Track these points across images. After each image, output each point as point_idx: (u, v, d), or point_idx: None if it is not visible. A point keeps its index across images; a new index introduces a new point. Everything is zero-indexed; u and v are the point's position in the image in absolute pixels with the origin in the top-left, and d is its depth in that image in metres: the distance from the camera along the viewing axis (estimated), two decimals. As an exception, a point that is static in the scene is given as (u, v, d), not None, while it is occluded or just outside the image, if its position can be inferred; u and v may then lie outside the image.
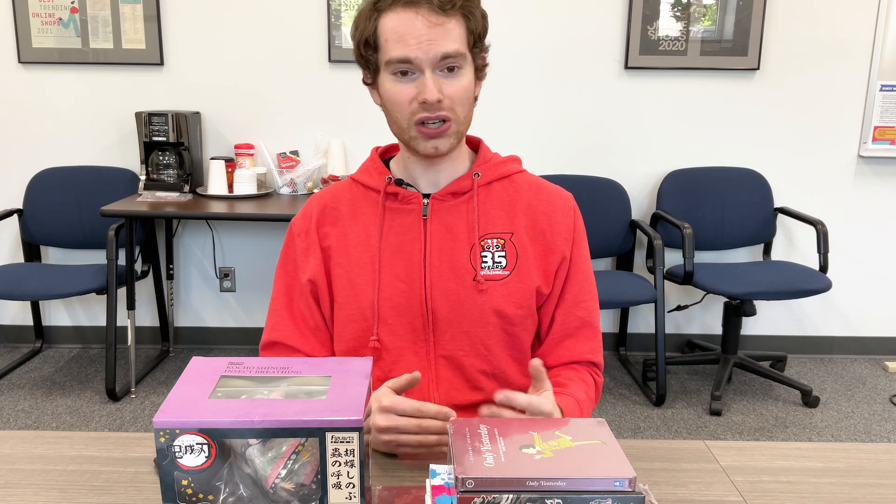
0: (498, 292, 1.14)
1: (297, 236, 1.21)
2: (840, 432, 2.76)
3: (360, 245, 1.17)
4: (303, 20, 3.16)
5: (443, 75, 1.08)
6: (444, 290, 1.14)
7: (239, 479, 0.70)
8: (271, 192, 3.16)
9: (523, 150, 3.26)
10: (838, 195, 3.34)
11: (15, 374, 3.16)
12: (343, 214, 1.20)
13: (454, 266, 1.15)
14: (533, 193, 1.20)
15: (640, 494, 0.70)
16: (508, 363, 1.18)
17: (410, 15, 1.06)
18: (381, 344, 1.15)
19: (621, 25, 3.17)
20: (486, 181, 1.19)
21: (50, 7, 3.12)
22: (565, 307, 1.19)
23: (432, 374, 1.16)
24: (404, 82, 1.08)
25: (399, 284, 1.15)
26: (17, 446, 1.06)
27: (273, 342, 1.20)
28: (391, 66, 1.08)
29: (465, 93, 1.10)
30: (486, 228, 1.16)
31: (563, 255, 1.18)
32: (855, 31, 3.18)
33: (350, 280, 1.16)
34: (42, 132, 3.26)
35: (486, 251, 1.15)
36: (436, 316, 1.14)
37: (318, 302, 1.20)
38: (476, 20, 1.10)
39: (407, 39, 1.06)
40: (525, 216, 1.18)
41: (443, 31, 1.06)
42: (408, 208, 1.17)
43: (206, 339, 3.47)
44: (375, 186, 1.19)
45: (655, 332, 2.93)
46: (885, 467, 1.03)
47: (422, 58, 1.06)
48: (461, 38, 1.08)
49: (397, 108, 1.10)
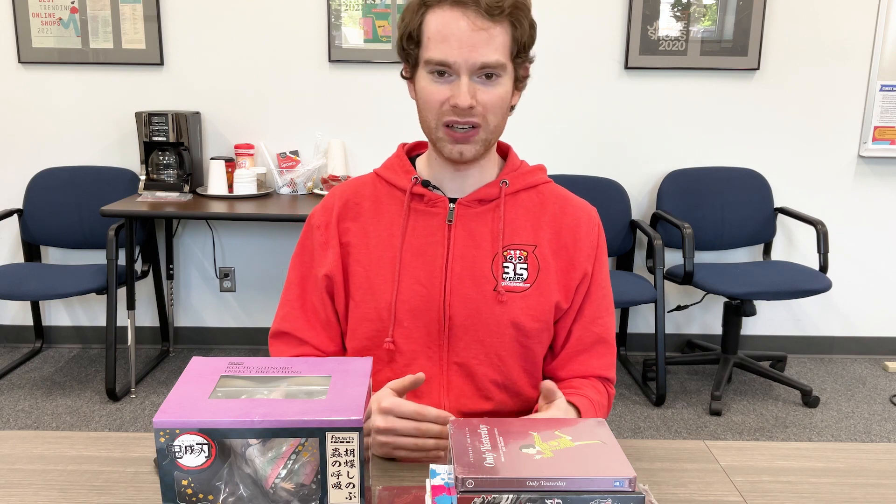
0: (517, 304, 1.13)
1: (317, 228, 1.20)
2: (840, 432, 2.76)
3: (381, 243, 1.16)
4: (303, 20, 3.16)
5: (480, 82, 1.07)
6: (463, 298, 1.13)
7: (239, 479, 0.70)
8: (271, 192, 3.16)
9: (523, 150, 3.25)
10: (838, 195, 3.34)
11: (15, 374, 3.16)
12: (365, 210, 1.18)
13: (475, 274, 1.14)
14: (559, 207, 1.19)
15: (640, 494, 0.70)
16: (520, 375, 1.18)
17: (457, 15, 1.04)
18: (395, 346, 1.15)
19: (621, 25, 3.17)
20: (513, 190, 1.18)
21: (50, 7, 3.12)
22: (583, 323, 1.19)
23: (444, 380, 1.16)
24: (440, 83, 1.07)
25: (418, 288, 1.14)
26: (17, 446, 1.06)
27: (282, 332, 1.20)
28: (429, 65, 1.07)
29: (499, 102, 1.08)
30: (510, 239, 1.15)
31: (584, 272, 1.17)
32: (855, 31, 3.18)
33: (368, 278, 1.15)
34: (42, 132, 3.26)
35: (508, 262, 1.14)
36: (452, 322, 1.14)
37: (333, 297, 1.19)
38: (523, 30, 1.08)
39: (450, 41, 1.04)
40: (550, 229, 1.18)
41: (486, 36, 1.04)
42: (433, 211, 1.16)
43: (206, 339, 3.48)
44: (401, 185, 1.18)
45: (655, 332, 2.93)
46: (885, 467, 1.03)
47: (460, 63, 1.05)
48: (504, 48, 1.06)
49: (428, 107, 1.09)
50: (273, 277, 3.41)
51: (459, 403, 1.16)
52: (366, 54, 3.17)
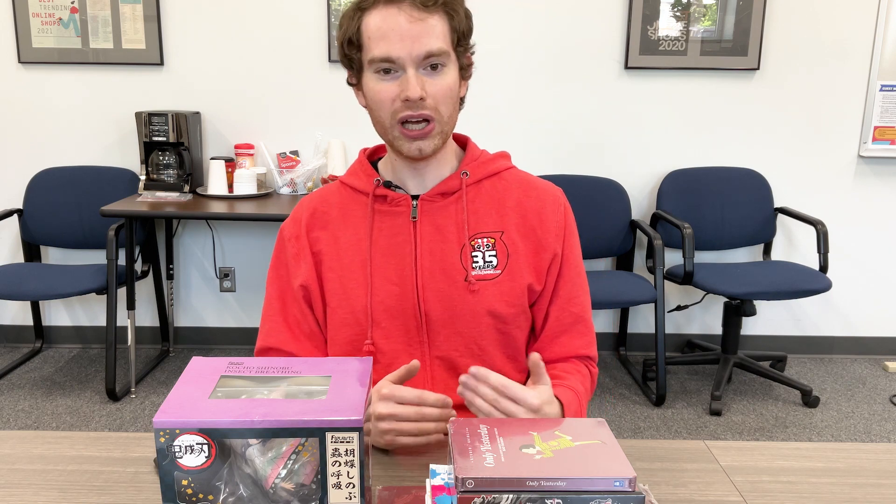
0: (490, 292, 1.14)
1: (288, 241, 1.21)
2: (840, 432, 2.76)
3: (350, 248, 1.17)
4: (303, 20, 3.16)
5: (426, 73, 1.07)
6: (436, 292, 1.14)
7: (239, 479, 0.70)
8: (271, 192, 3.16)
9: (523, 150, 3.26)
10: (838, 195, 3.34)
11: (15, 374, 3.16)
12: (333, 218, 1.19)
13: (445, 267, 1.15)
14: (522, 190, 1.20)
15: (640, 494, 0.70)
16: (504, 362, 1.19)
17: (393, 11, 1.05)
18: (376, 347, 1.16)
19: (621, 25, 3.17)
20: (474, 180, 1.18)
21: (50, 7, 3.12)
22: (559, 303, 1.20)
23: (428, 376, 1.17)
24: (387, 80, 1.08)
25: (391, 287, 1.15)
26: (17, 446, 1.06)
27: (268, 347, 1.20)
28: (374, 64, 1.07)
29: (448, 91, 1.09)
30: (475, 228, 1.16)
31: (554, 252, 1.18)
32: (855, 31, 3.18)
33: (342, 284, 1.16)
34: (42, 132, 3.26)
35: (476, 251, 1.15)
36: (429, 318, 1.15)
37: (311, 307, 1.20)
38: (460, 18, 1.09)
39: (390, 36, 1.05)
40: (515, 213, 1.18)
41: (425, 27, 1.05)
42: (397, 210, 1.17)
43: (206, 339, 3.47)
44: (364, 189, 1.19)
45: (655, 332, 2.93)
46: (885, 467, 1.03)
47: (404, 56, 1.05)
48: (444, 36, 1.07)
49: (380, 107, 1.10)
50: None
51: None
52: (366, 54, 3.16)
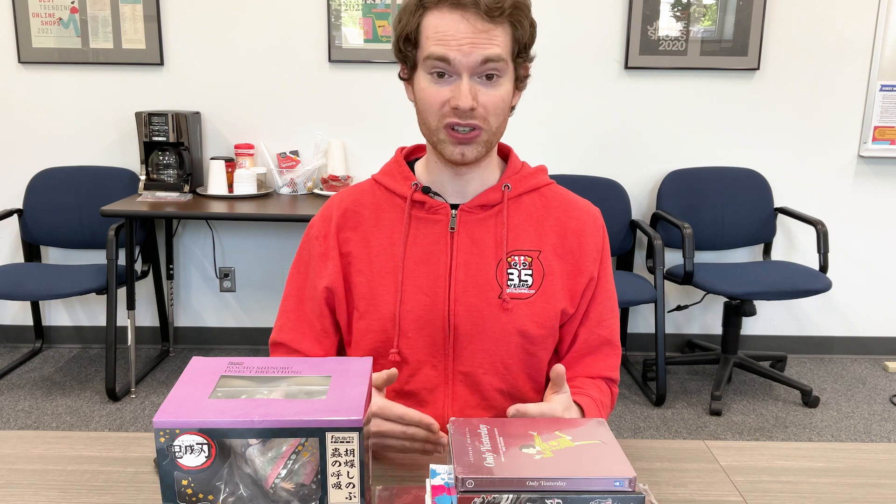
0: (522, 311, 1.11)
1: (315, 240, 1.17)
2: (840, 432, 2.76)
3: (383, 253, 1.14)
4: (303, 20, 3.16)
5: (480, 82, 1.04)
6: (467, 306, 1.11)
7: (239, 479, 0.70)
8: (271, 192, 3.16)
9: (523, 150, 3.26)
10: (838, 195, 3.34)
11: (15, 374, 3.16)
12: (365, 219, 1.16)
13: (479, 282, 1.12)
14: (563, 210, 1.17)
15: (640, 494, 0.70)
16: (524, 381, 1.16)
17: (457, 17, 1.02)
18: (401, 356, 1.13)
19: (621, 25, 3.17)
20: (515, 194, 1.15)
21: (50, 7, 3.12)
22: (589, 326, 1.17)
23: (449, 390, 1.14)
24: (440, 84, 1.05)
25: (422, 297, 1.12)
26: (17, 446, 1.06)
27: (278, 342, 1.20)
28: (428, 63, 1.04)
29: (500, 103, 1.06)
30: (513, 244, 1.13)
31: (591, 276, 1.16)
32: (855, 31, 3.18)
33: (371, 289, 1.13)
34: (42, 132, 3.26)
35: (512, 268, 1.12)
36: (457, 332, 1.12)
37: (334, 309, 1.17)
38: (524, 30, 1.06)
39: (448, 41, 1.02)
40: (554, 233, 1.15)
41: (487, 37, 1.02)
42: (435, 218, 1.13)
43: (206, 339, 3.47)
44: (401, 192, 1.15)
45: (655, 332, 2.93)
46: (885, 467, 1.03)
47: (461, 60, 1.02)
48: (505, 45, 1.04)
49: (429, 109, 1.07)
50: (273, 277, 3.41)
51: (464, 413, 1.15)
52: (366, 54, 3.17)
